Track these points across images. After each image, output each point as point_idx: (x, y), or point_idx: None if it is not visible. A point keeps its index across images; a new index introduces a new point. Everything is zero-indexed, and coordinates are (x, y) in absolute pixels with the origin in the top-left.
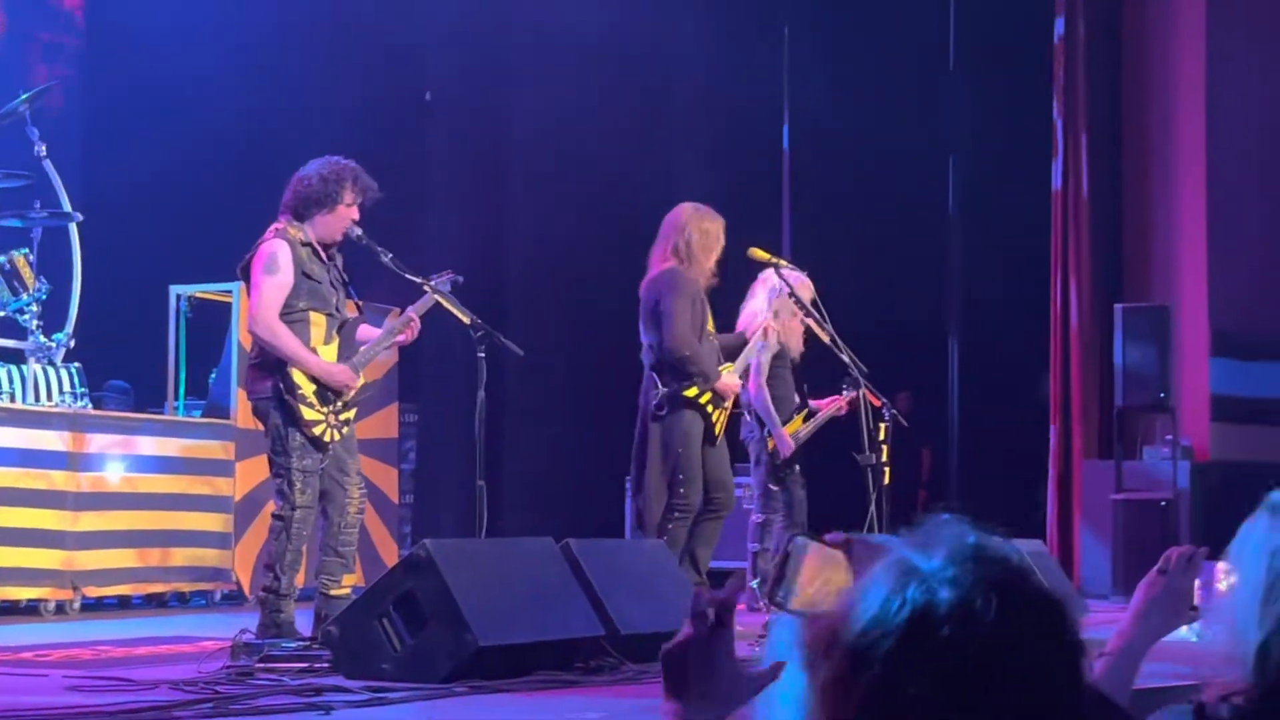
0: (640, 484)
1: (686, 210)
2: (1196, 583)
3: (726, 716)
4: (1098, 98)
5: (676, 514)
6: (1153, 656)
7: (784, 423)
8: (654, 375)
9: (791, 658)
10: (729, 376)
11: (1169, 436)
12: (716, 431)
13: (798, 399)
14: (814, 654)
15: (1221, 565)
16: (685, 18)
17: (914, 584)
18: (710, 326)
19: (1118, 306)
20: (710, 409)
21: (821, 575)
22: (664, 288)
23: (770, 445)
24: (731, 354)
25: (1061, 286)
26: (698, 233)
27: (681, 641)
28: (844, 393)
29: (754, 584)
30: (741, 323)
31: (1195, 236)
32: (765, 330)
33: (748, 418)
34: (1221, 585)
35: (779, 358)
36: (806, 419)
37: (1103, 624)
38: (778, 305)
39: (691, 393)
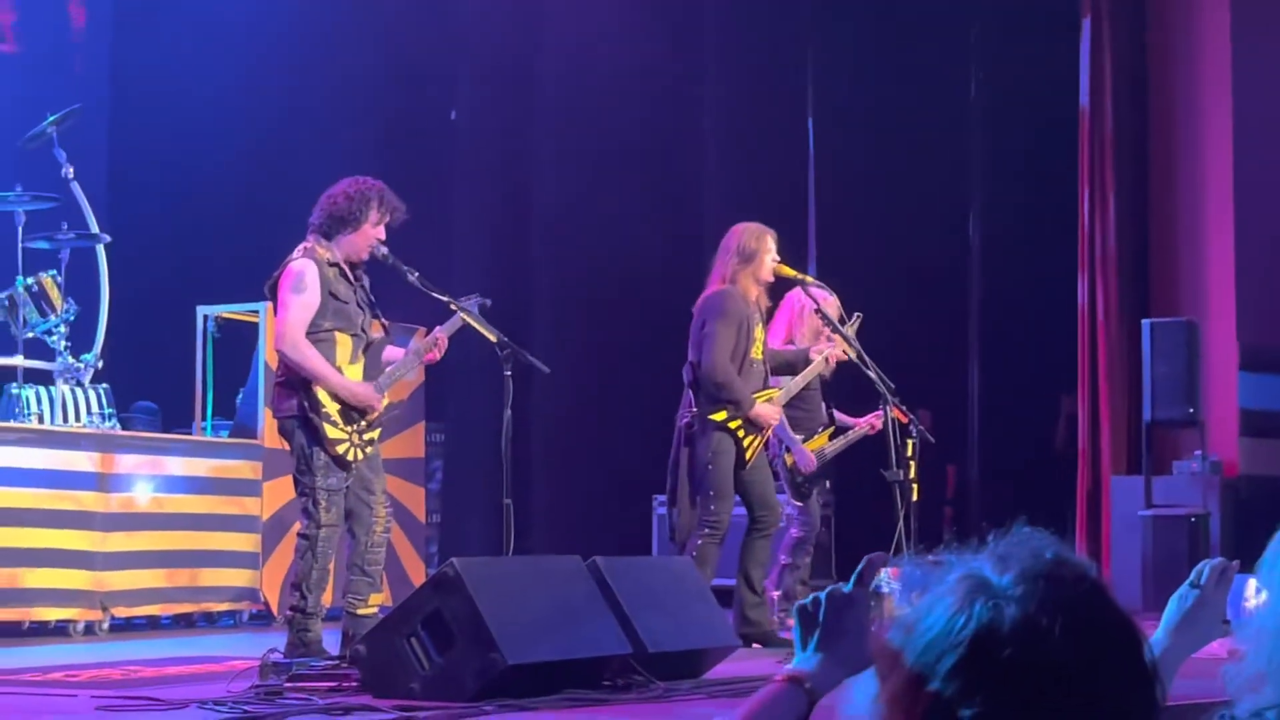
0: (675, 498)
1: (738, 230)
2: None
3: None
4: (1123, 112)
5: (706, 530)
6: (1184, 672)
7: (808, 439)
8: (690, 393)
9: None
10: (766, 406)
11: (1198, 452)
12: (748, 456)
13: (826, 416)
14: (883, 664)
15: (1252, 581)
16: (710, 44)
17: (981, 600)
18: (756, 351)
19: (1145, 321)
20: (741, 434)
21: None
22: (711, 311)
23: (789, 461)
24: (790, 369)
25: (1089, 301)
26: (748, 252)
27: (848, 597)
28: (881, 411)
29: (775, 594)
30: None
31: (1223, 251)
32: (829, 360)
33: (771, 436)
34: (1251, 602)
35: None
36: (833, 436)
37: None
38: (817, 326)
39: (720, 417)
